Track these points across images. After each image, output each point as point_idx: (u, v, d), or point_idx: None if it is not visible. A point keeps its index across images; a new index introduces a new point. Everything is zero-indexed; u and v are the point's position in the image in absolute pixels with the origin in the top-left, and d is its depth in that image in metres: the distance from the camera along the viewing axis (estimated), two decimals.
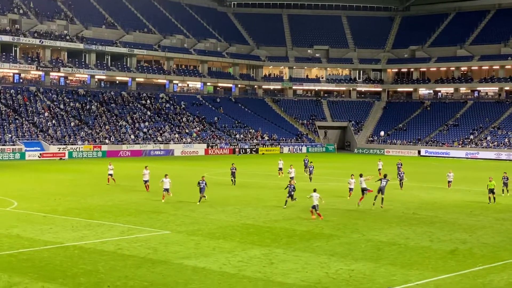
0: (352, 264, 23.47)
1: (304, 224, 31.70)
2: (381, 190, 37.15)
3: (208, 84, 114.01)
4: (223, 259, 23.86)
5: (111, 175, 47.54)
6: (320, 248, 26.14)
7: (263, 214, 34.79)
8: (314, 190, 33.31)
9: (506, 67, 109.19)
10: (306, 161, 58.52)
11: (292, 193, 36.87)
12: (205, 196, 37.86)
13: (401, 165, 54.75)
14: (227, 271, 22.08)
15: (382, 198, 37.35)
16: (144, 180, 43.60)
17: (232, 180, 48.66)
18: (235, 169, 49.21)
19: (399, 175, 48.79)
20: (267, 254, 24.74)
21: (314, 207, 32.83)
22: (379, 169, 57.32)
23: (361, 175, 38.73)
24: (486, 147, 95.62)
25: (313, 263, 23.49)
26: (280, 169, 56.35)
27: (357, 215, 34.86)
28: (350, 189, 41.20)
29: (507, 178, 44.60)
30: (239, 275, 21.58)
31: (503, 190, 45.01)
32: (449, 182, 48.62)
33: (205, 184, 37.76)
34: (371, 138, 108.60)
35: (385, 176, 38.08)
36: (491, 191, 40.38)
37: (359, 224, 31.95)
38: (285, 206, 36.82)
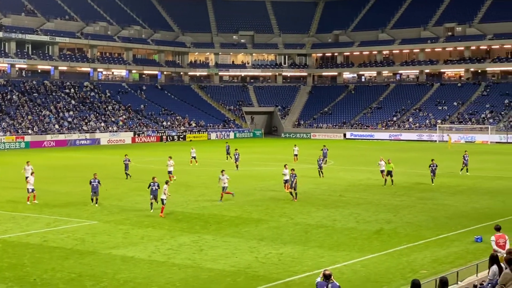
0: (281, 247, 23.77)
1: (232, 210, 31.85)
2: (289, 183, 35.40)
3: (134, 71, 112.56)
4: (152, 247, 23.76)
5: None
6: (249, 233, 26.35)
7: (192, 201, 34.77)
8: (222, 172, 33.76)
9: (426, 50, 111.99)
10: (227, 148, 58.32)
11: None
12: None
13: (327, 150, 55.29)
14: (156, 259, 22.01)
15: (296, 193, 34.98)
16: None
17: (126, 174, 44.88)
18: (129, 161, 45.72)
19: (319, 162, 46.27)
20: (197, 241, 24.78)
21: (223, 188, 33.93)
22: (295, 155, 56.52)
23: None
24: (408, 129, 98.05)
25: (242, 248, 23.67)
26: (194, 157, 54.55)
27: (285, 200, 35.20)
28: (285, 181, 37.50)
29: (436, 166, 42.25)
30: (169, 262, 21.55)
31: (467, 169, 46.20)
32: (382, 171, 43.15)
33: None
34: (297, 123, 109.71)
35: (292, 170, 35.67)
36: (389, 173, 40.86)
37: (287, 208, 32.34)
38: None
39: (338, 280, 15.32)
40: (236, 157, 51.34)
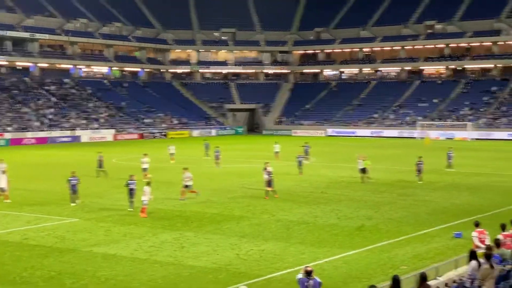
0: (263, 244, 23.81)
1: (214, 207, 31.85)
2: (268, 183, 34.73)
3: (115, 68, 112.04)
4: (134, 244, 23.70)
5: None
6: (231, 230, 26.36)
7: (173, 198, 34.67)
8: (185, 169, 34.11)
9: (407, 47, 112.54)
10: (206, 145, 57.89)
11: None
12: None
13: (309, 147, 55.38)
14: (138, 256, 21.96)
15: (273, 191, 34.69)
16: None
17: (98, 169, 44.38)
18: (102, 158, 45.06)
19: (298, 159, 45.94)
20: (178, 238, 24.75)
21: (186, 186, 33.79)
22: (276, 152, 56.09)
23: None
24: (389, 126, 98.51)
25: (223, 245, 23.68)
26: (172, 154, 54.54)
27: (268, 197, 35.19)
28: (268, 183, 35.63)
29: (422, 163, 41.82)
30: (151, 260, 21.51)
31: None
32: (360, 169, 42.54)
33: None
34: (279, 120, 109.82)
35: (266, 166, 35.60)
36: (363, 170, 40.63)
37: (268, 205, 32.37)
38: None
39: (320, 276, 15.40)
40: (217, 154, 50.83)
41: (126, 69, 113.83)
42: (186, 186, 34.05)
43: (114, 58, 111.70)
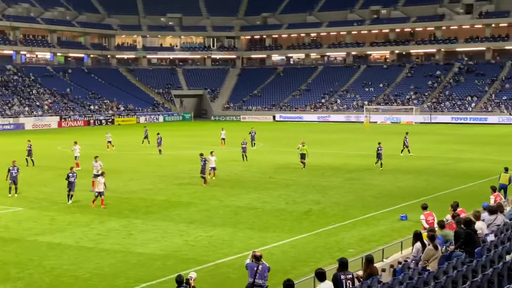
0: (211, 230, 23.79)
1: (162, 194, 31.67)
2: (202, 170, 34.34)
3: (59, 54, 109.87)
4: (80, 233, 23.40)
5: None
6: (179, 217, 26.26)
7: (121, 185, 34.34)
8: (96, 158, 32.97)
9: (353, 32, 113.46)
10: (146, 131, 56.63)
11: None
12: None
13: (255, 133, 55.40)
14: (84, 245, 21.70)
15: (204, 177, 34.19)
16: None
17: (27, 158, 42.88)
18: (31, 147, 43.72)
19: (243, 145, 45.00)
20: (126, 226, 24.54)
21: (96, 176, 30.20)
22: (222, 139, 55.49)
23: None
24: (336, 110, 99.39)
25: (172, 231, 23.59)
26: (109, 142, 53.01)
27: (214, 182, 35.21)
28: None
29: (382, 148, 41.22)
30: (97, 248, 21.28)
31: (408, 150, 46.60)
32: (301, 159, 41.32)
33: (18, 170, 31.40)
34: (227, 105, 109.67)
35: (201, 155, 34.89)
36: (303, 156, 40.39)
37: (217, 191, 32.34)
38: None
39: (268, 261, 15.46)
40: (159, 141, 49.84)
41: (70, 55, 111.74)
42: (96, 176, 30.67)
43: (58, 43, 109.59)
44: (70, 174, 29.43)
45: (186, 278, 13.39)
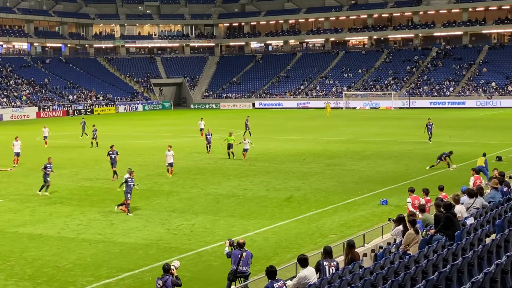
0: (193, 218, 23.83)
1: (143, 183, 31.55)
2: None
3: (36, 44, 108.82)
4: (61, 224, 23.33)
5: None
6: (161, 205, 26.27)
7: (102, 175, 34.22)
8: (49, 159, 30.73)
9: (331, 18, 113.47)
10: (83, 124, 54.19)
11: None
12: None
13: (249, 119, 55.36)
14: (65, 235, 21.64)
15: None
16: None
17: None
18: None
19: (207, 136, 43.64)
20: (107, 215, 24.50)
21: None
22: (201, 129, 52.89)
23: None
24: (316, 97, 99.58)
25: (154, 220, 23.59)
26: (45, 137, 49.48)
27: (196, 171, 35.22)
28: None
29: (432, 124, 45.50)
30: (79, 238, 21.24)
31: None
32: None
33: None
34: (206, 93, 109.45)
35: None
36: (230, 146, 39.53)
37: (198, 179, 32.36)
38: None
39: (250, 248, 15.56)
40: (94, 133, 47.73)
41: (47, 44, 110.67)
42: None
43: (35, 33, 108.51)
44: (47, 165, 29.26)
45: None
